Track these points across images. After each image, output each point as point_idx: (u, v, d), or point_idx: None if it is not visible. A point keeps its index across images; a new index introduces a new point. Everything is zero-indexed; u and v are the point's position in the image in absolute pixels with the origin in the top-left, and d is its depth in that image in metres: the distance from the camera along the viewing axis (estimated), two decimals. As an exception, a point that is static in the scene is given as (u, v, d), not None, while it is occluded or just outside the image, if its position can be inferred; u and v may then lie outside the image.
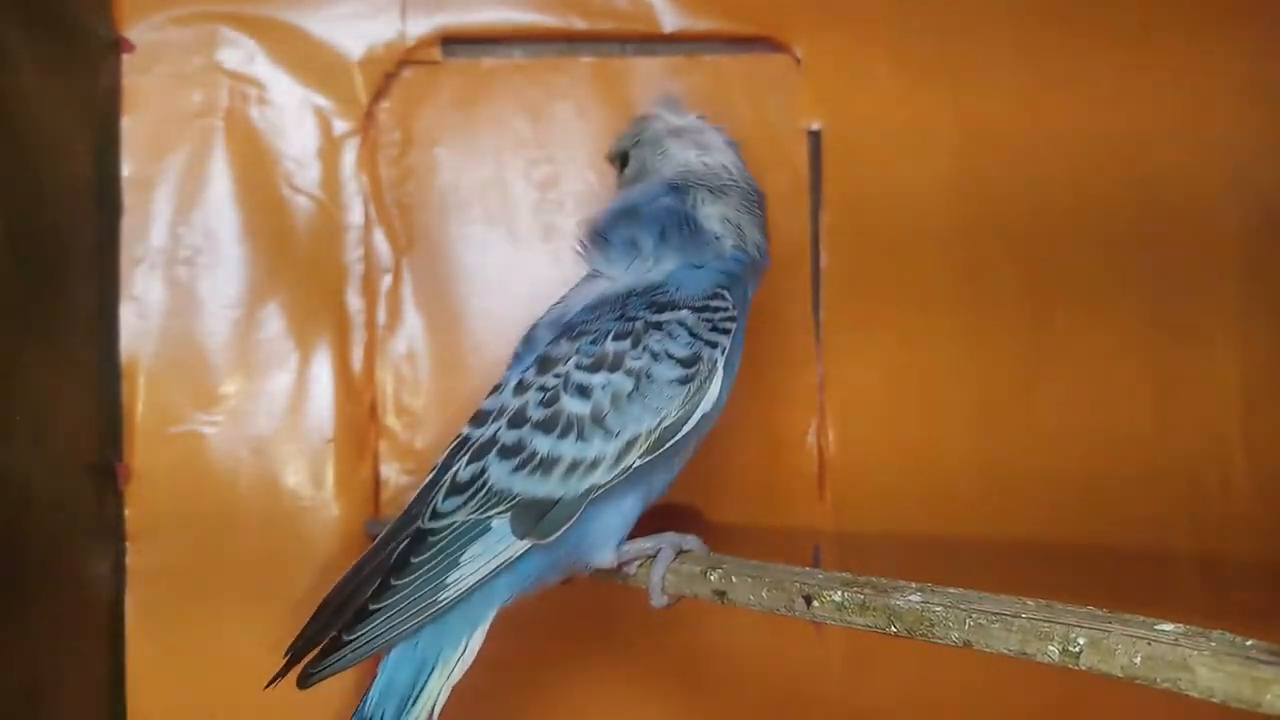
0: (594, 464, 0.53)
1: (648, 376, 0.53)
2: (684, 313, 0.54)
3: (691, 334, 0.54)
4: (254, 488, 0.75)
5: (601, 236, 0.59)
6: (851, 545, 0.76)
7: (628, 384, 0.53)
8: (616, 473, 0.53)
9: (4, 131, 0.61)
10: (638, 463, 0.53)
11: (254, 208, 0.76)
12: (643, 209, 0.59)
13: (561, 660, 0.76)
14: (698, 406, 0.53)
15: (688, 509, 0.76)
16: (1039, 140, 0.79)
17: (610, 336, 0.55)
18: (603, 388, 0.53)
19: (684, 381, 0.53)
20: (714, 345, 0.54)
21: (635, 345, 0.54)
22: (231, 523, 0.74)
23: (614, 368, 0.54)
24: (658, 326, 0.54)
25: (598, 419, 0.53)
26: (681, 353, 0.53)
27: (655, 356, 0.53)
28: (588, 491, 0.53)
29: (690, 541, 0.56)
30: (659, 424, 0.53)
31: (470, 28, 0.77)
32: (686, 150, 0.61)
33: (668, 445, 0.53)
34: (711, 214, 0.59)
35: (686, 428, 0.53)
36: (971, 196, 0.78)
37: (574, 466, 0.53)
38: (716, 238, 0.58)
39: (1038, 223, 0.78)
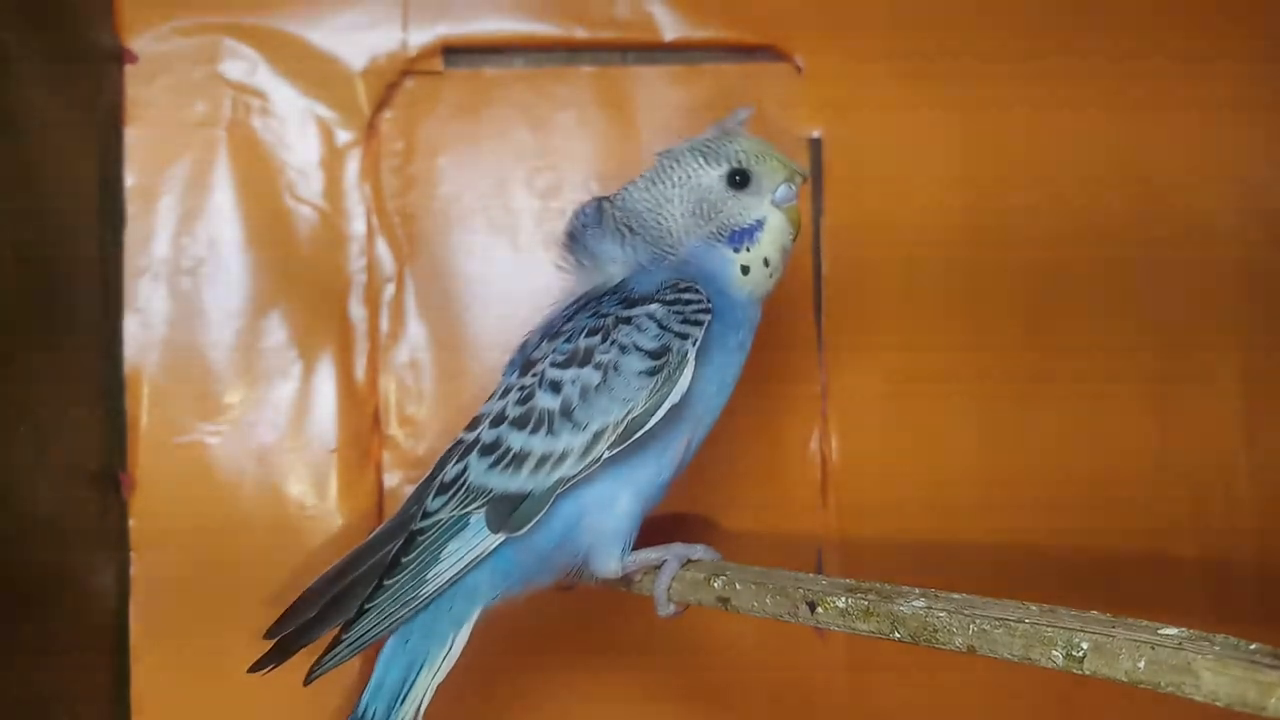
0: (562, 457, 0.54)
1: (615, 369, 0.54)
2: (654, 306, 0.55)
3: (661, 326, 0.54)
4: (257, 497, 0.75)
5: (563, 237, 0.61)
6: (854, 552, 0.76)
7: (595, 377, 0.54)
8: (585, 464, 0.53)
9: (7, 142, 0.61)
10: (607, 454, 0.53)
11: (257, 218, 0.76)
12: (579, 210, 0.61)
13: (566, 667, 0.76)
14: (666, 397, 0.53)
15: (700, 518, 0.76)
16: (1040, 148, 0.79)
17: (584, 333, 0.56)
18: (572, 382, 0.54)
19: (652, 373, 0.53)
20: (684, 337, 0.54)
21: (604, 340, 0.55)
22: (235, 532, 0.74)
23: (584, 362, 0.55)
24: (627, 321, 0.55)
25: (566, 412, 0.54)
26: (649, 345, 0.54)
27: (623, 349, 0.54)
28: (556, 484, 0.54)
29: (699, 551, 0.57)
30: (626, 415, 0.53)
31: (472, 37, 0.78)
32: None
33: (636, 436, 0.53)
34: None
35: (654, 418, 0.53)
36: (973, 205, 0.78)
37: (543, 460, 0.54)
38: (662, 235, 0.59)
39: (1040, 230, 0.78)
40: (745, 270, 0.58)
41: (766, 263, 0.58)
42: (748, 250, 0.58)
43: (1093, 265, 0.79)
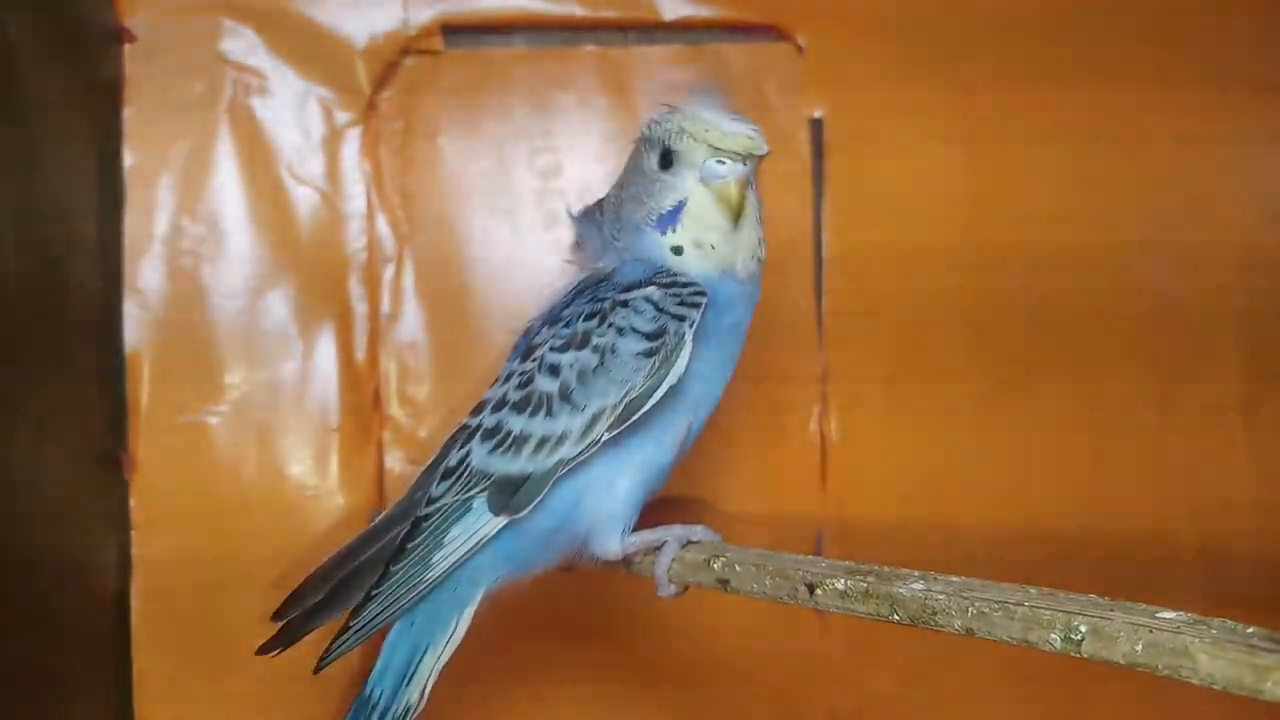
0: (561, 438, 0.54)
1: (612, 351, 0.54)
2: (651, 289, 0.55)
3: (657, 308, 0.54)
4: (258, 477, 0.75)
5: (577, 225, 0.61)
6: (854, 534, 0.77)
7: (593, 359, 0.54)
8: (584, 446, 0.54)
9: (5, 123, 0.61)
10: (605, 436, 0.53)
11: (256, 198, 0.76)
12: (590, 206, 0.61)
13: (566, 647, 0.76)
14: (664, 379, 0.53)
15: (699, 499, 0.76)
16: (1040, 125, 0.78)
17: (582, 318, 0.56)
18: (570, 365, 0.55)
19: (649, 354, 0.53)
20: (681, 319, 0.54)
21: (601, 322, 0.55)
22: (236, 512, 0.74)
23: (581, 345, 0.55)
24: (624, 304, 0.55)
25: (564, 394, 0.54)
26: (647, 327, 0.54)
27: (620, 331, 0.54)
28: (556, 466, 0.54)
29: (699, 532, 0.57)
30: (624, 397, 0.53)
31: (471, 16, 0.77)
32: None
33: (634, 418, 0.54)
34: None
35: (652, 400, 0.53)
36: (975, 184, 0.78)
37: (543, 442, 0.54)
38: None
39: (1044, 210, 0.78)
40: (678, 251, 0.56)
41: (698, 245, 0.55)
42: (673, 232, 0.55)
43: (1096, 253, 0.78)
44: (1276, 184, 0.80)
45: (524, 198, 0.77)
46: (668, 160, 0.55)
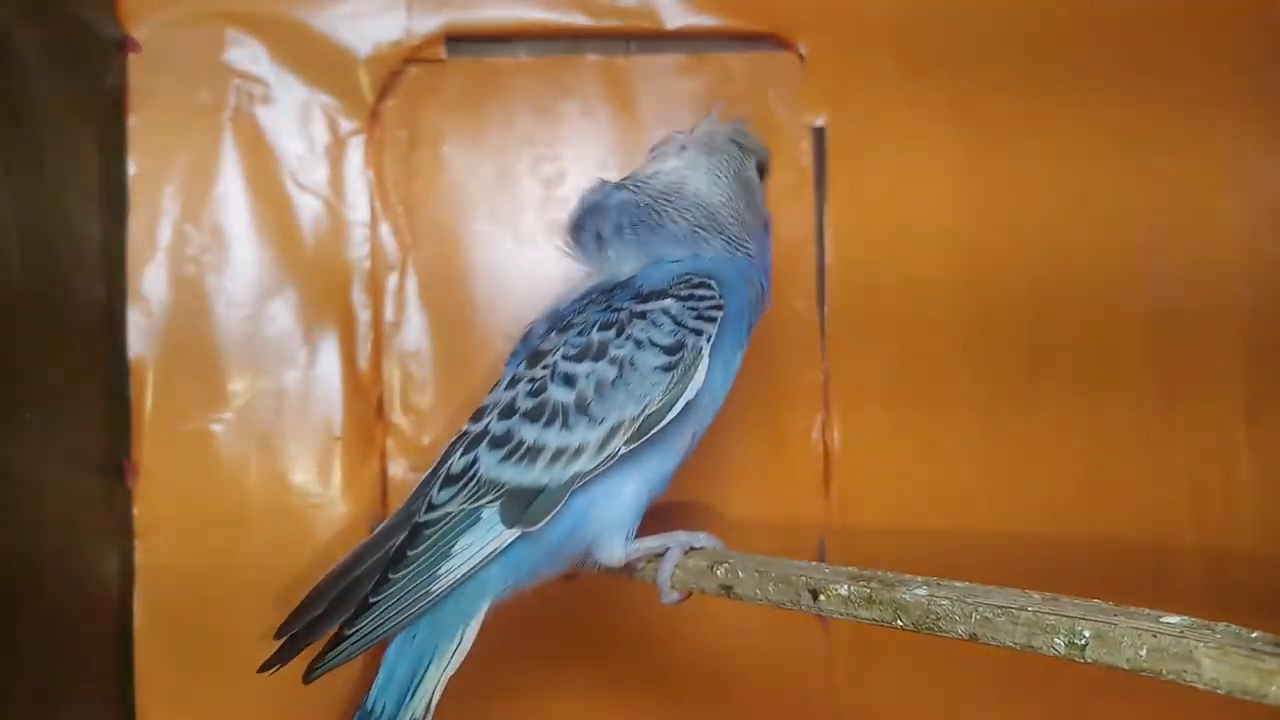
0: (578, 451, 0.54)
1: (631, 364, 0.54)
2: (668, 301, 0.55)
3: (676, 322, 0.54)
4: (262, 485, 0.75)
5: (575, 228, 0.60)
6: (857, 540, 0.77)
7: (611, 372, 0.54)
8: (600, 460, 0.53)
9: (11, 131, 0.61)
10: (622, 449, 0.53)
11: (260, 206, 0.76)
12: (604, 204, 0.59)
13: (568, 656, 0.76)
14: (682, 394, 0.54)
15: (702, 506, 0.76)
16: (1042, 133, 0.79)
17: (596, 327, 0.55)
18: (587, 376, 0.54)
19: (667, 369, 0.53)
20: (699, 333, 0.54)
21: (619, 334, 0.55)
22: (239, 520, 0.74)
23: (598, 357, 0.54)
24: (642, 315, 0.55)
25: (582, 407, 0.54)
26: (665, 340, 0.54)
27: (639, 344, 0.54)
28: (572, 479, 0.54)
29: (701, 539, 0.56)
30: (643, 411, 0.53)
31: (475, 26, 0.78)
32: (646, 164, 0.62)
33: (652, 432, 0.53)
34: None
35: (670, 414, 0.53)
36: (976, 192, 0.78)
37: (559, 454, 0.54)
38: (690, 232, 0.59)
39: (1043, 217, 0.78)
40: None
41: None
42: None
43: (1095, 255, 0.79)
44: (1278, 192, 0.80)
45: (527, 206, 0.78)
46: (763, 173, 0.62)
